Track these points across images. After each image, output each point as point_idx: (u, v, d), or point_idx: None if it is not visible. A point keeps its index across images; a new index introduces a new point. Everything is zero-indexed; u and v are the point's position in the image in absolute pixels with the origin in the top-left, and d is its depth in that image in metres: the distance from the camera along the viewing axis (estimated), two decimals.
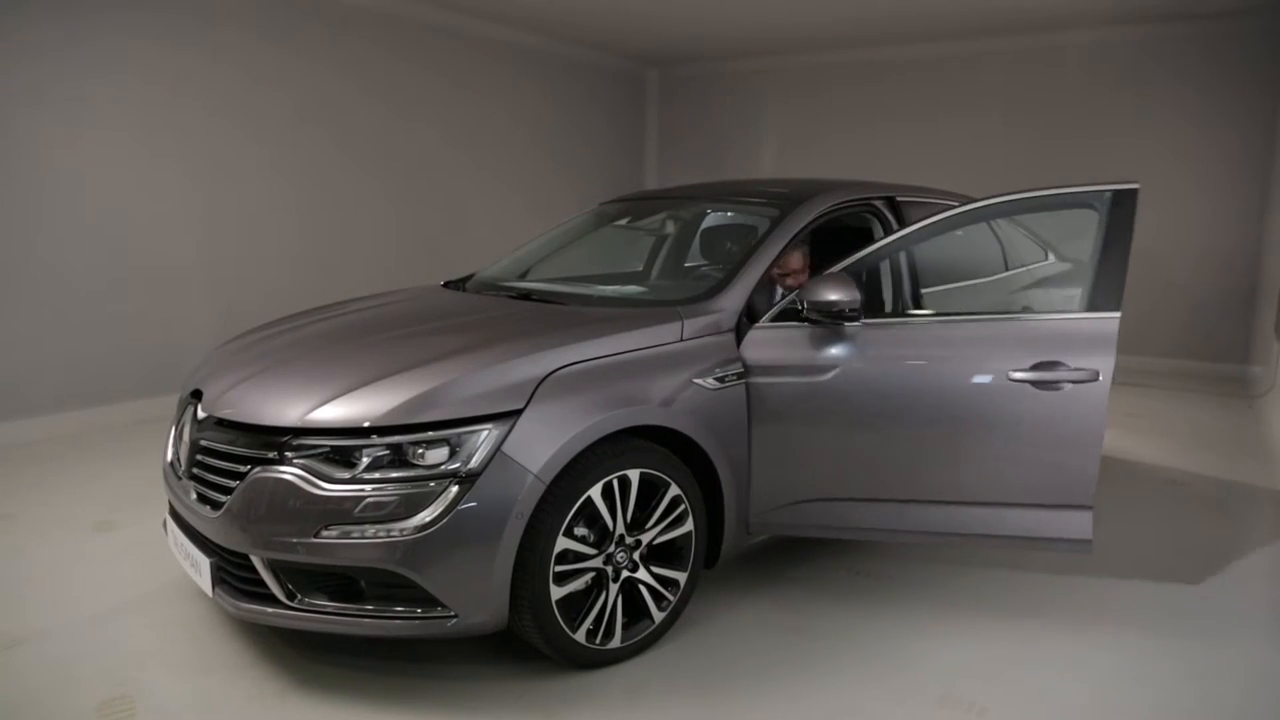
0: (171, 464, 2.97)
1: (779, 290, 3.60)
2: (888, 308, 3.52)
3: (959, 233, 4.17)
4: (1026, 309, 4.16)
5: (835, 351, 3.05)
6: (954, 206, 4.30)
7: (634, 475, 2.69)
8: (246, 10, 6.01)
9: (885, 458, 3.11)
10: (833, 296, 2.96)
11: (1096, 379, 2.94)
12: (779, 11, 7.22)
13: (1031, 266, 4.45)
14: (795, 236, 3.37)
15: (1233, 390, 7.02)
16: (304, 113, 6.47)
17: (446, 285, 3.98)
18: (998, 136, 8.16)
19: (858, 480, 3.14)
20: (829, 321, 3.03)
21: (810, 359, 3.05)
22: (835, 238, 3.83)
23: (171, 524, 2.95)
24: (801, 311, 3.04)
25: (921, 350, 3.09)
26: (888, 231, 3.76)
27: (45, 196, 5.16)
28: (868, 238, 3.80)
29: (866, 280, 3.31)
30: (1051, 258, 4.71)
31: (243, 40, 6.02)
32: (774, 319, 3.11)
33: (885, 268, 3.63)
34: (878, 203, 3.77)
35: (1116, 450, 5.28)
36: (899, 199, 3.85)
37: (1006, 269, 4.25)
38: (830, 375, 3.04)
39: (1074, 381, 2.95)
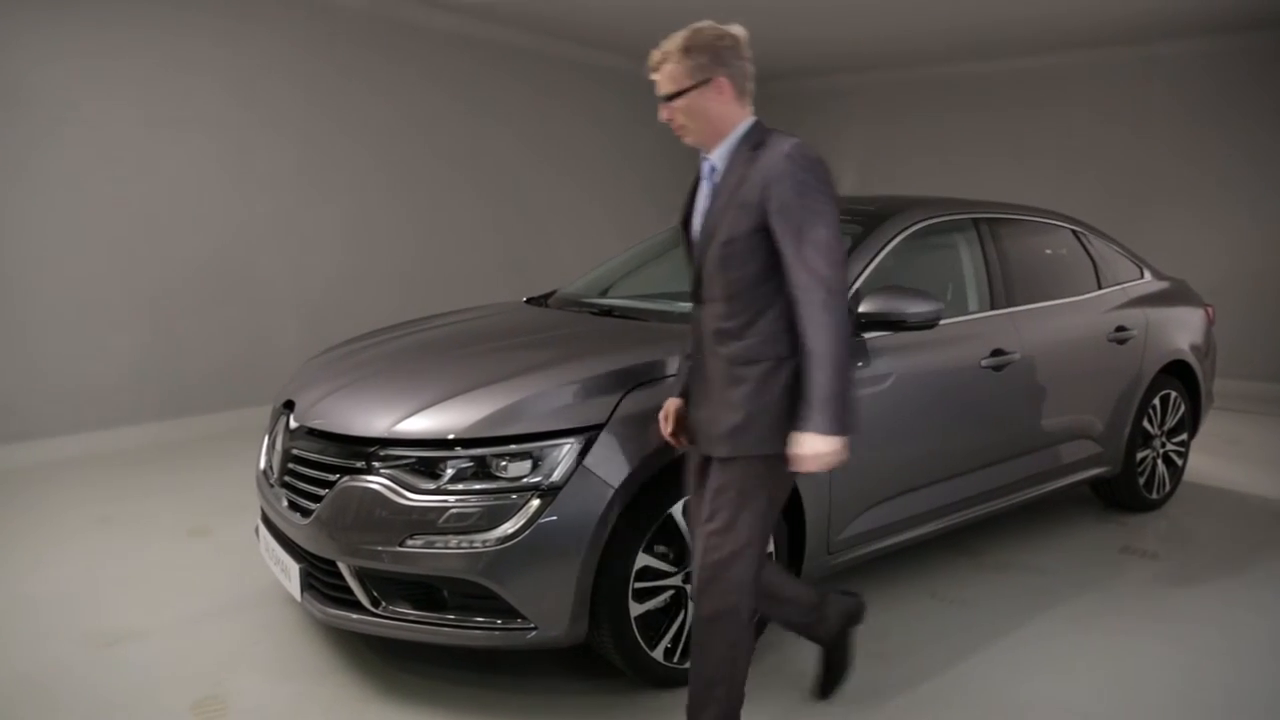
0: (264, 472, 3.07)
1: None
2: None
3: (1047, 250, 4.11)
4: (1120, 329, 4.06)
5: (897, 359, 3.12)
6: (1050, 225, 4.21)
7: None
8: (340, 26, 6.23)
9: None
10: (895, 308, 2.97)
11: None
12: (864, 27, 7.17)
13: (1126, 285, 4.34)
14: (880, 252, 3.32)
15: None
16: (398, 129, 6.66)
17: (529, 302, 4.03)
18: (1085, 151, 7.92)
19: (924, 471, 3.34)
20: (892, 331, 3.07)
21: (878, 368, 3.09)
22: (923, 255, 3.77)
23: (263, 530, 3.05)
24: (867, 323, 3.03)
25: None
26: (975, 250, 3.70)
27: (149, 210, 5.40)
28: (956, 256, 3.73)
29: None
30: (1148, 275, 4.57)
31: (334, 52, 6.23)
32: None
33: (970, 282, 3.64)
34: (966, 220, 3.70)
35: (1220, 480, 5.03)
36: (989, 216, 3.77)
37: (1099, 287, 4.19)
38: (890, 382, 3.12)
39: None
